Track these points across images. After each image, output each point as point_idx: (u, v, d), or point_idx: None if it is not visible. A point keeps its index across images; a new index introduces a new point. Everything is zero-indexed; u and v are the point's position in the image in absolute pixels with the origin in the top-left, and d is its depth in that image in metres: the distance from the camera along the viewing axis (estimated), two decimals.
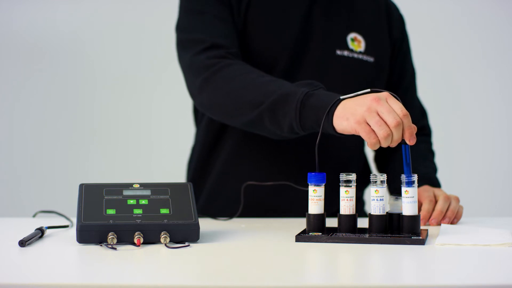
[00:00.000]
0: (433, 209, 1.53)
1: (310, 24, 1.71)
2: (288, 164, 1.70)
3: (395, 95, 1.33)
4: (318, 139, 1.36)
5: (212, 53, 1.60)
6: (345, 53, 1.72)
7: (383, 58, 1.77)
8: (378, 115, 1.30)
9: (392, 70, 1.80)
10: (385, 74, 1.78)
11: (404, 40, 1.83)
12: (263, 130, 1.54)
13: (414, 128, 1.32)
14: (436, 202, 1.54)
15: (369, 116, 1.31)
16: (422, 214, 1.51)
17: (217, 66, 1.58)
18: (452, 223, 1.52)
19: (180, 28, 1.70)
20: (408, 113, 1.31)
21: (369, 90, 1.36)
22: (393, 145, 1.31)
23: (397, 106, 1.31)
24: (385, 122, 1.30)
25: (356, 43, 1.73)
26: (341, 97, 1.37)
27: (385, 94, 1.33)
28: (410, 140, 1.31)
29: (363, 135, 1.32)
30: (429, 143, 1.83)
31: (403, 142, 1.32)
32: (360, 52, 1.73)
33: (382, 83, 1.77)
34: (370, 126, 1.31)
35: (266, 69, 1.66)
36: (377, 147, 1.32)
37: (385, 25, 1.79)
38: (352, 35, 1.73)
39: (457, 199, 1.56)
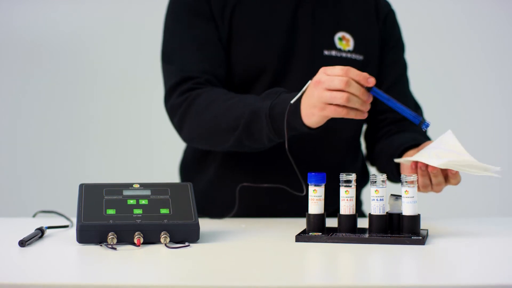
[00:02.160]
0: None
1: (296, 26, 1.70)
2: (283, 164, 1.70)
3: (330, 66, 1.39)
4: (286, 144, 1.45)
5: (181, 88, 1.65)
6: (333, 53, 1.72)
7: (372, 55, 1.76)
8: (328, 90, 1.37)
9: (383, 63, 1.79)
10: (375, 71, 1.77)
11: (391, 33, 1.81)
12: (246, 148, 1.61)
13: (365, 74, 1.37)
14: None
15: (322, 97, 1.37)
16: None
17: (187, 101, 1.63)
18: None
19: (161, 55, 1.74)
20: (348, 67, 1.37)
21: (309, 82, 1.42)
22: (366, 99, 1.38)
23: (336, 70, 1.37)
24: (338, 90, 1.36)
25: (345, 42, 1.73)
26: (291, 102, 1.43)
27: (321, 71, 1.40)
28: (368, 81, 1.37)
29: (333, 115, 1.39)
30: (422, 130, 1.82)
31: (367, 89, 1.38)
32: (348, 51, 1.73)
33: None
34: (332, 104, 1.37)
35: (255, 75, 1.69)
36: (353, 114, 1.38)
37: (374, 21, 1.78)
38: (340, 34, 1.73)
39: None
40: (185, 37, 1.70)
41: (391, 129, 1.77)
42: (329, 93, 1.36)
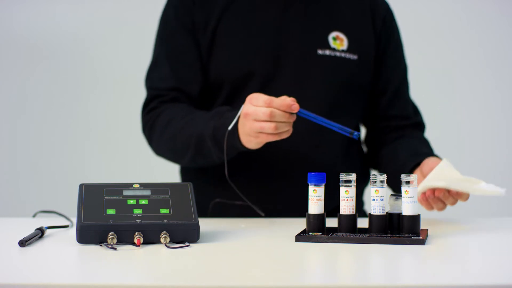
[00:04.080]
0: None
1: (287, 26, 1.70)
2: (280, 168, 1.70)
3: (255, 96, 1.45)
4: (226, 170, 1.53)
5: (149, 107, 1.75)
6: (327, 52, 1.71)
7: (367, 55, 1.75)
8: (257, 121, 1.44)
9: (381, 67, 1.78)
10: (370, 71, 1.77)
11: (392, 35, 1.81)
12: (205, 165, 1.68)
13: (287, 102, 1.42)
14: None
15: (253, 128, 1.45)
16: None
17: (151, 120, 1.72)
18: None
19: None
20: (269, 98, 1.42)
21: (242, 106, 1.48)
22: (291, 120, 1.44)
23: (260, 102, 1.43)
24: (264, 121, 1.43)
25: (338, 41, 1.73)
26: (229, 128, 1.51)
27: (247, 100, 1.46)
28: (292, 108, 1.42)
29: (267, 140, 1.47)
30: (422, 135, 1.83)
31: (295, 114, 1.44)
32: (342, 51, 1.72)
33: (366, 80, 1.76)
34: (264, 133, 1.44)
35: (244, 76, 1.70)
36: (285, 135, 1.46)
37: (369, 21, 1.77)
38: (334, 34, 1.73)
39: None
40: (162, 52, 1.76)
41: (391, 136, 1.78)
42: (258, 124, 1.43)
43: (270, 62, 1.69)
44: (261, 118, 1.43)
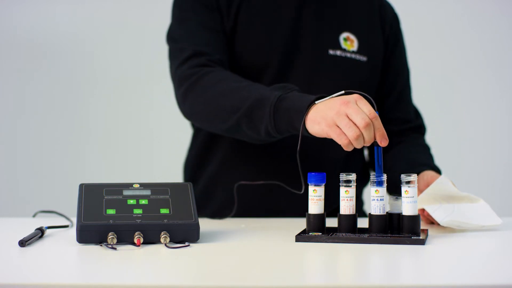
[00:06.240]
0: None
1: (301, 24, 1.71)
2: (282, 165, 1.70)
3: (367, 96, 1.35)
4: (299, 145, 1.38)
5: (193, 62, 1.63)
6: (338, 52, 1.72)
7: (376, 57, 1.77)
8: (348, 117, 1.32)
9: (387, 70, 1.80)
10: (378, 74, 1.78)
11: (398, 40, 1.83)
12: (242, 135, 1.57)
13: (384, 132, 1.32)
14: None
15: (338, 119, 1.32)
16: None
17: (197, 74, 1.61)
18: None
19: (168, 37, 1.74)
20: (377, 115, 1.32)
21: (343, 92, 1.37)
22: (367, 144, 1.33)
23: (366, 108, 1.32)
24: (355, 124, 1.31)
25: (349, 42, 1.74)
26: (317, 102, 1.38)
27: (355, 96, 1.34)
28: (382, 141, 1.32)
29: (334, 137, 1.34)
30: (423, 140, 1.84)
31: (375, 143, 1.33)
32: (353, 52, 1.73)
33: (374, 82, 1.78)
34: (340, 128, 1.32)
35: (257, 71, 1.69)
36: (351, 148, 1.33)
37: (378, 24, 1.79)
38: (344, 34, 1.74)
39: None
40: (193, 23, 1.70)
41: (393, 140, 1.78)
42: (346, 121, 1.32)
43: (283, 59, 1.69)
44: (355, 119, 1.31)
